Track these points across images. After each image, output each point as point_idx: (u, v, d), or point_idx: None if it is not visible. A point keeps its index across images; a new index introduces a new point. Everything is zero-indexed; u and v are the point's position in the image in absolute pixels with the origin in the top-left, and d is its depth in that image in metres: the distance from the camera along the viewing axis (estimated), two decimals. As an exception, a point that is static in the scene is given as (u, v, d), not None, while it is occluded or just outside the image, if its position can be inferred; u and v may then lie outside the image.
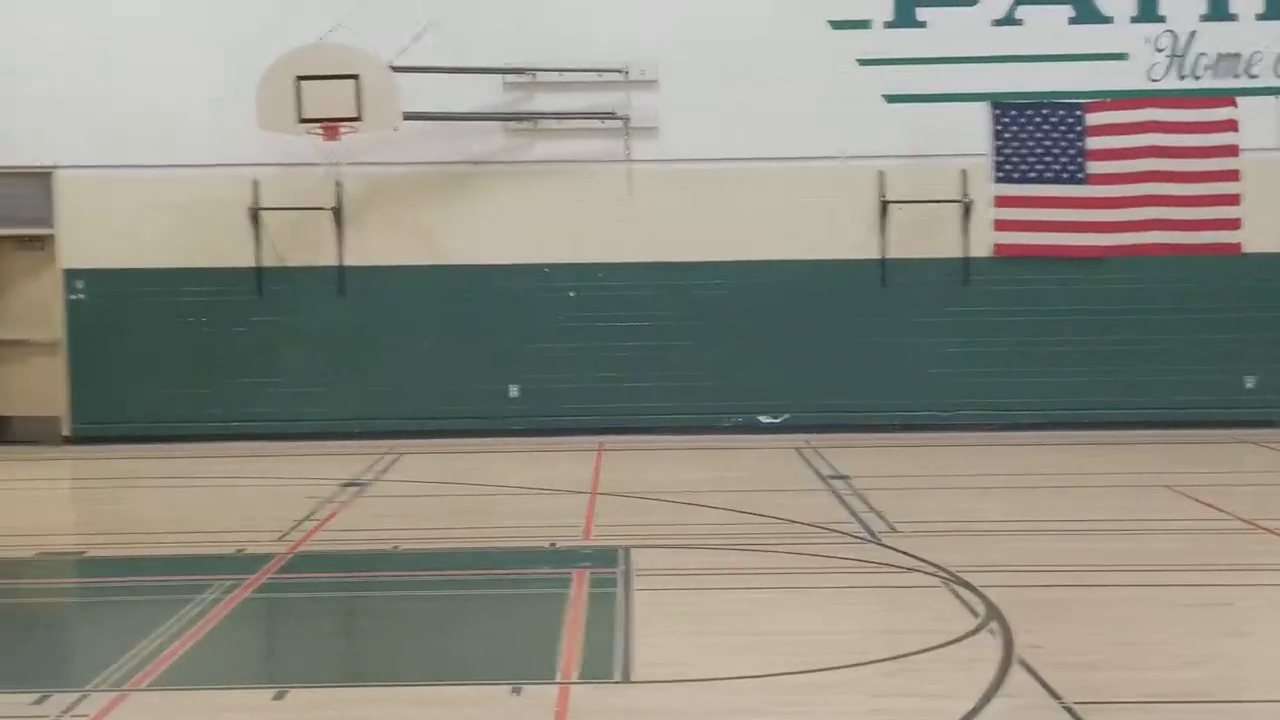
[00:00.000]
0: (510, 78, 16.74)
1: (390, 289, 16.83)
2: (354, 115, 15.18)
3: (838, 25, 16.92)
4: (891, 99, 16.94)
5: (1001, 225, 16.98)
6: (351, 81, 15.17)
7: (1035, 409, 16.80)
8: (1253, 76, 16.94)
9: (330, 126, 15.29)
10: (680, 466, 14.53)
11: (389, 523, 11.74)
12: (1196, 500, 12.02)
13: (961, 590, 8.85)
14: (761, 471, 14.22)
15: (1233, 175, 16.81)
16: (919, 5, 16.99)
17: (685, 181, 16.83)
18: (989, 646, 7.62)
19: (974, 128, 16.91)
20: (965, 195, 16.89)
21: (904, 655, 7.47)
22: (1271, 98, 16.88)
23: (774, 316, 16.89)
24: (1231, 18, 16.95)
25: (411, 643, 8.07)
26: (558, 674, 7.26)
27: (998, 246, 17.00)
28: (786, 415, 16.87)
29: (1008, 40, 16.98)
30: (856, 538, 10.63)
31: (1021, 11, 17.01)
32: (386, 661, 7.82)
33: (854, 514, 11.59)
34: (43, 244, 16.89)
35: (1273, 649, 7.96)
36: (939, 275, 16.97)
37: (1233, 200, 16.83)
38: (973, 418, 16.77)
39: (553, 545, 10.54)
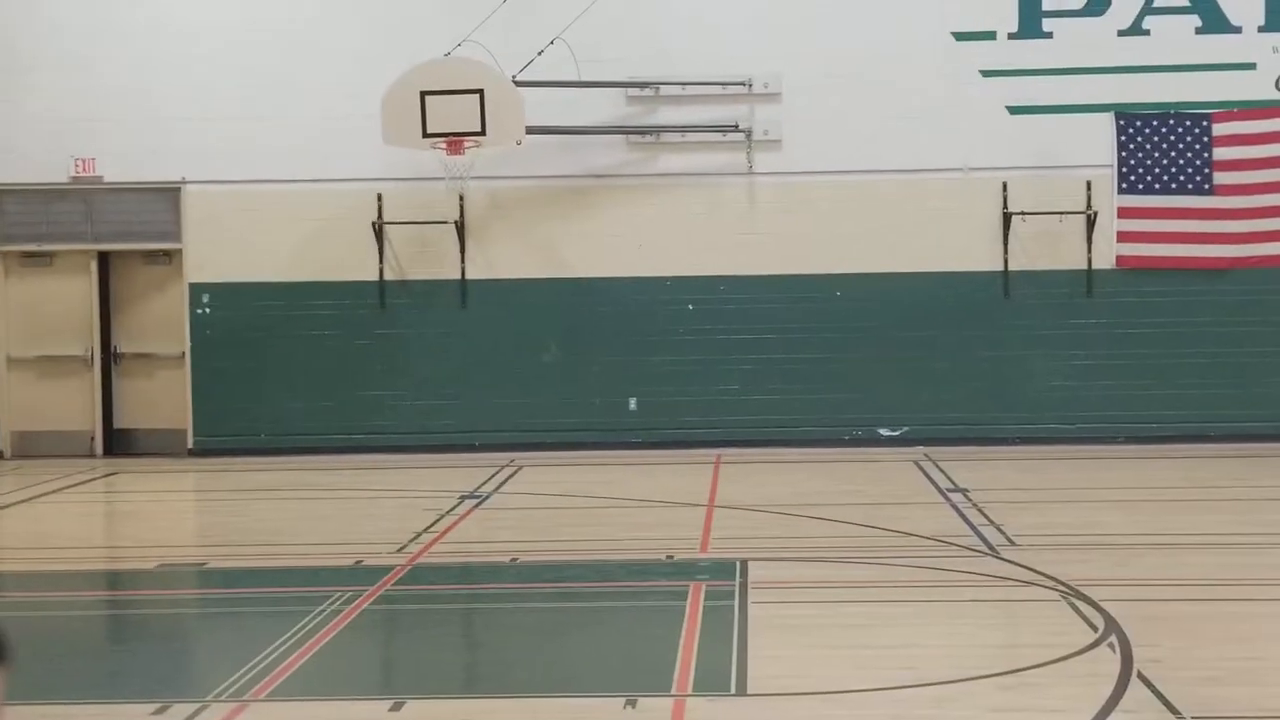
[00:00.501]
0: (633, 91, 16.85)
1: (512, 302, 17.00)
2: (478, 130, 15.35)
3: (961, 37, 16.82)
4: (1015, 110, 16.80)
5: (1125, 237, 16.75)
6: (475, 96, 15.32)
7: (1159, 422, 16.54)
8: (1388, 85, 16.56)
9: (454, 141, 15.47)
10: (798, 479, 14.51)
11: (507, 535, 11.87)
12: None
13: (1081, 604, 8.74)
14: (879, 484, 14.16)
15: (1357, 187, 16.45)
16: (1044, 16, 16.84)
17: (807, 194, 16.84)
18: (1108, 661, 7.53)
19: (1098, 139, 16.72)
20: (1089, 207, 16.69)
21: (1022, 669, 7.41)
22: (1407, 106, 16.49)
23: (895, 329, 16.81)
24: (1367, 25, 16.58)
25: (527, 654, 8.14)
26: (673, 687, 7.29)
27: (1120, 258, 16.77)
28: (906, 428, 16.77)
29: (1133, 50, 16.77)
30: (975, 551, 10.55)
31: (1148, 21, 16.79)
32: (502, 673, 7.88)
33: (973, 527, 11.50)
34: (170, 258, 17.32)
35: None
36: (1061, 287, 16.78)
37: (1357, 212, 16.48)
38: (1094, 431, 16.56)
39: (670, 558, 10.58)
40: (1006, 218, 16.73)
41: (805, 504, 12.74)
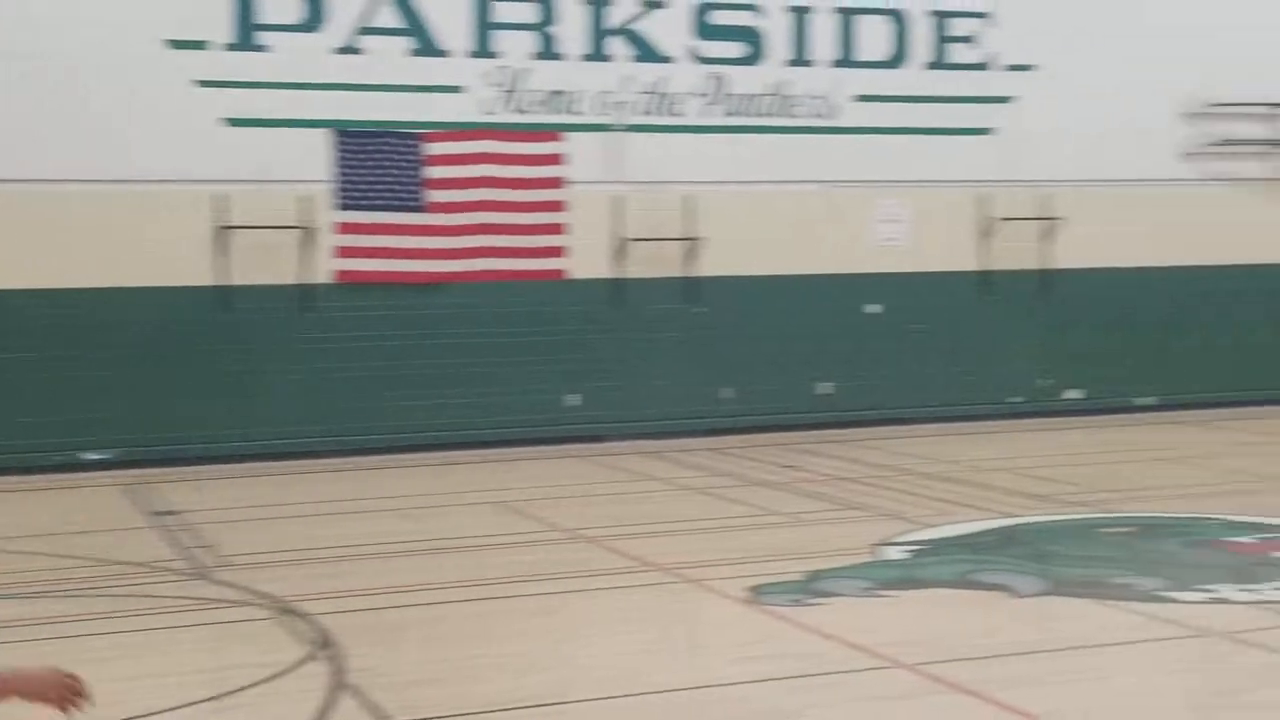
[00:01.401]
0: None
1: None
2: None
3: (175, 45, 16.47)
4: (233, 122, 16.68)
5: (343, 252, 17.11)
6: None
7: (378, 433, 16.98)
8: (578, 113, 18.01)
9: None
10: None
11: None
12: (526, 515, 12.60)
13: (294, 620, 8.80)
14: (82, 513, 13.47)
15: (559, 206, 17.79)
16: (259, 29, 16.84)
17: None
18: (319, 674, 7.62)
19: (317, 154, 16.94)
20: (308, 221, 16.89)
21: (233, 691, 7.33)
22: (594, 133, 18.01)
23: (123, 348, 16.15)
24: (559, 57, 17.93)
25: None
26: None
27: (340, 273, 17.12)
28: (114, 451, 16.08)
29: (350, 68, 17.16)
30: (184, 575, 10.33)
31: (364, 40, 17.24)
32: None
33: (183, 550, 11.26)
34: None
35: (602, 651, 8.47)
36: (281, 302, 16.86)
37: (559, 230, 17.82)
38: (314, 445, 16.72)
39: None
40: (220, 231, 16.57)
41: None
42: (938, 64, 19.27)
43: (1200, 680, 7.88)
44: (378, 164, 17.11)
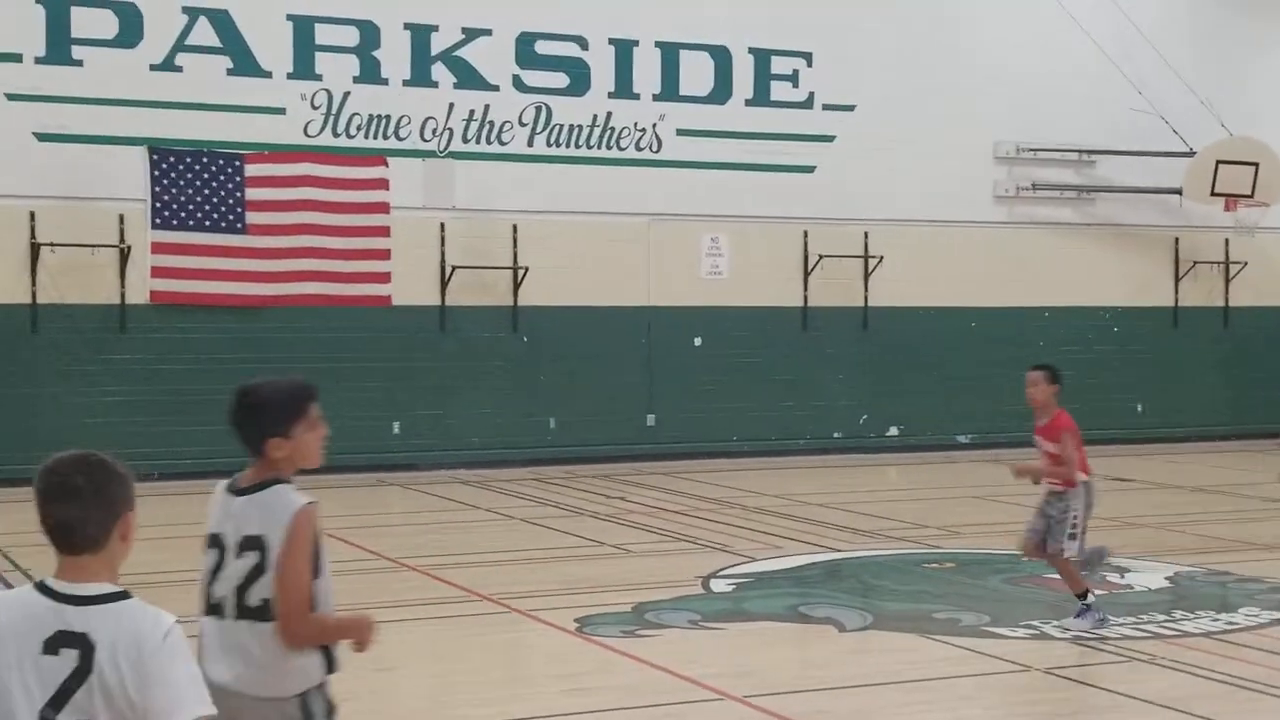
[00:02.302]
0: None
1: None
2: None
3: (-16, 56, 15.87)
4: (44, 137, 16.11)
5: (159, 272, 16.61)
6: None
7: (194, 457, 16.38)
8: (401, 138, 17.78)
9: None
10: None
11: None
12: (348, 542, 12.29)
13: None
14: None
15: (383, 231, 17.51)
16: (75, 43, 16.30)
17: None
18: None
19: (132, 171, 16.45)
20: (122, 240, 16.36)
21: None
22: (418, 159, 17.79)
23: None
24: (383, 81, 17.69)
25: None
26: None
27: (155, 293, 16.61)
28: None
29: (167, 85, 16.71)
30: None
31: (181, 58, 16.80)
32: None
33: (-11, 579, 10.73)
34: None
35: (422, 682, 8.26)
36: (94, 321, 16.28)
37: (383, 255, 17.54)
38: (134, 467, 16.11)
39: None
40: (35, 248, 15.98)
41: None
42: (759, 101, 19.48)
43: (1021, 713, 7.96)
44: (195, 183, 16.65)
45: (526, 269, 18.16)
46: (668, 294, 18.98)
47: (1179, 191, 20.95)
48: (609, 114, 18.76)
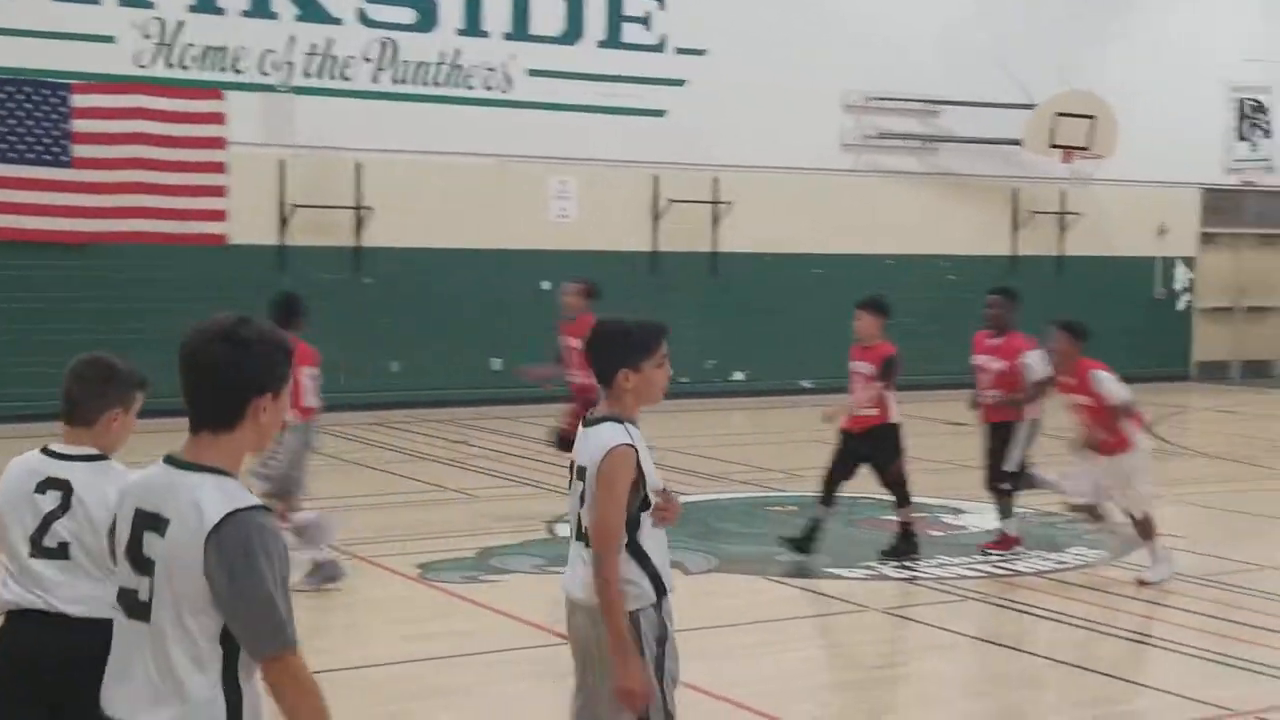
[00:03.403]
0: None
1: None
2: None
3: None
4: None
5: (-16, 207, 15.96)
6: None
7: (10, 400, 15.74)
8: (239, 71, 17.27)
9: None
10: None
11: None
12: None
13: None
14: None
15: (218, 168, 17.00)
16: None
17: None
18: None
19: (-47, 101, 15.73)
20: (-58, 173, 15.67)
21: None
22: (256, 93, 17.30)
23: None
24: (220, 11, 17.14)
25: None
26: None
27: (-20, 229, 15.96)
28: None
29: (-11, 12, 16.00)
30: None
31: (5, -17, 16.08)
32: None
33: None
34: None
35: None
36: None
37: (219, 192, 17.04)
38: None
39: None
40: None
41: None
42: (611, 43, 19.31)
43: (859, 652, 8.03)
44: (17, 114, 15.97)
45: (370, 209, 17.81)
46: (515, 237, 18.77)
47: (1019, 143, 21.28)
48: (457, 51, 18.43)
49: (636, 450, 4.54)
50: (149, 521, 3.20)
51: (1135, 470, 9.28)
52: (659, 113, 19.54)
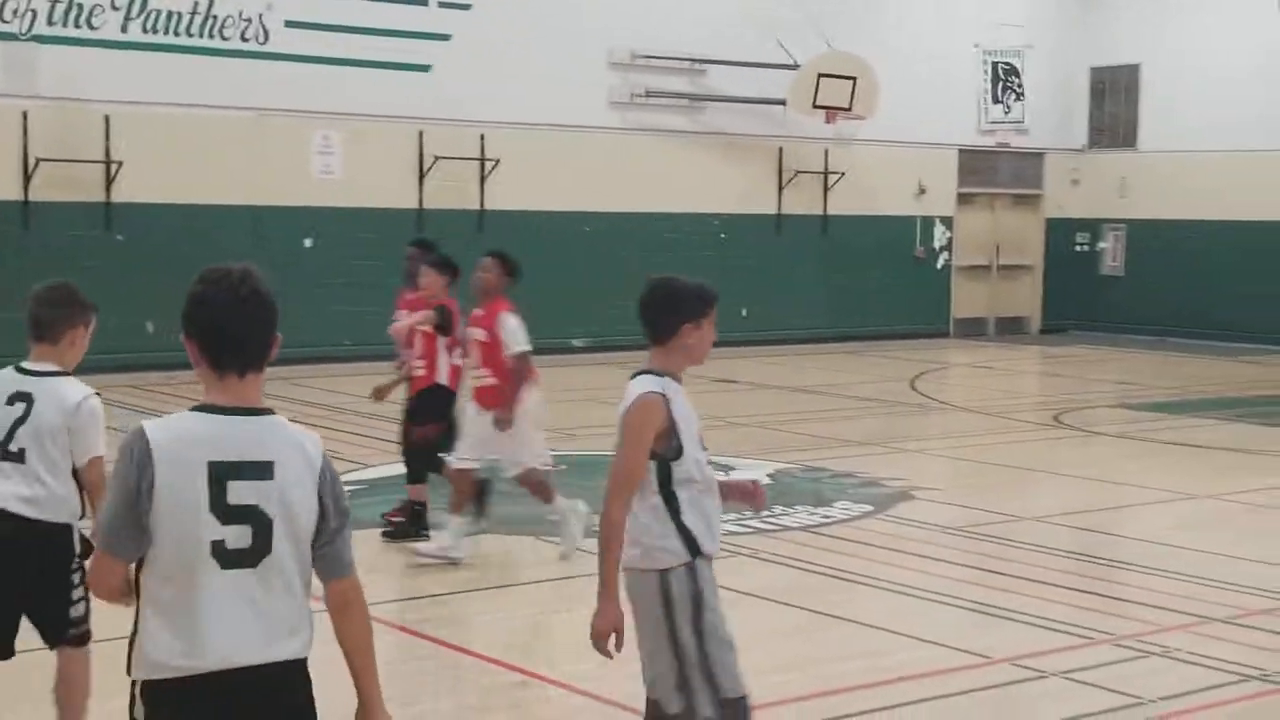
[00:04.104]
0: None
1: None
2: None
3: None
4: None
5: None
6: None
7: None
8: (-22, 17, 16.37)
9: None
10: None
11: None
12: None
13: None
14: None
15: (-43, 118, 16.13)
16: None
17: None
18: None
19: None
20: None
21: None
22: (-2, 41, 16.46)
23: None
24: (-43, -47, 16.22)
25: None
26: None
27: None
28: None
29: None
30: None
31: None
32: None
33: None
34: None
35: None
36: None
37: (-44, 144, 16.17)
38: None
39: None
40: None
41: None
42: (373, -6, 18.89)
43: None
44: None
45: (121, 163, 17.09)
46: (276, 193, 18.24)
47: (783, 103, 21.53)
48: (211, 1, 17.77)
49: (668, 400, 4.60)
50: (233, 471, 3.33)
51: (521, 429, 8.85)
52: (424, 67, 19.19)
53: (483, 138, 19.56)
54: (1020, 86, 24.62)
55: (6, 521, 4.96)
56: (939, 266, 24.24)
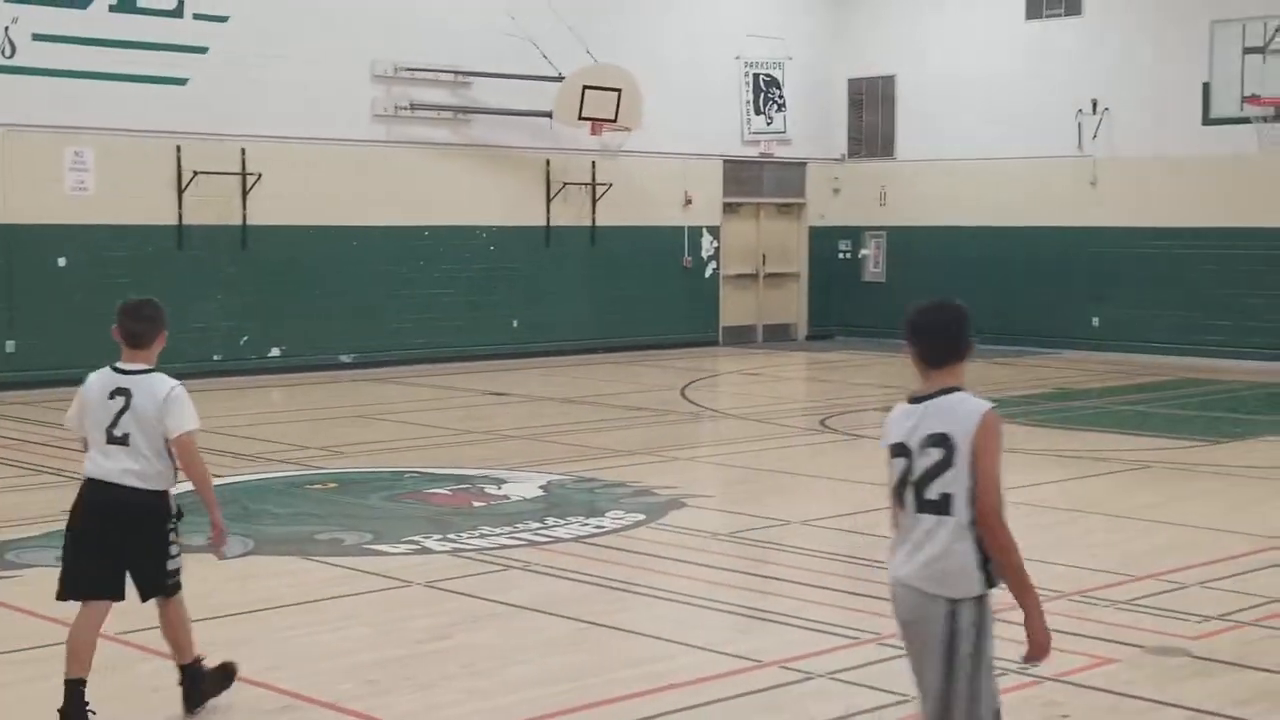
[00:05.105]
0: None
1: None
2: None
3: None
4: None
5: None
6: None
7: None
8: None
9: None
10: None
11: None
12: None
13: None
14: None
15: None
16: None
17: None
18: None
19: None
20: None
21: None
22: None
23: None
24: None
25: None
26: None
27: None
28: None
29: None
30: None
31: None
32: None
33: None
34: None
35: None
36: None
37: None
38: None
39: None
40: None
41: None
42: (125, 7, 18.34)
43: (404, 627, 7.93)
44: None
45: None
46: (26, 211, 17.59)
47: (549, 115, 21.62)
48: (-50, 15, 17.08)
49: None
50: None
51: None
52: (180, 81, 18.73)
53: (244, 151, 19.18)
54: (781, 97, 25.18)
55: (120, 492, 6.14)
56: (707, 275, 24.63)
